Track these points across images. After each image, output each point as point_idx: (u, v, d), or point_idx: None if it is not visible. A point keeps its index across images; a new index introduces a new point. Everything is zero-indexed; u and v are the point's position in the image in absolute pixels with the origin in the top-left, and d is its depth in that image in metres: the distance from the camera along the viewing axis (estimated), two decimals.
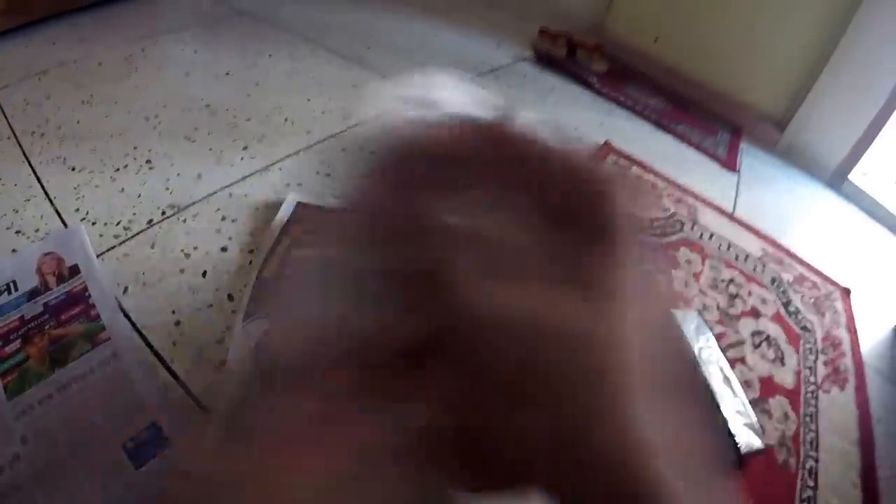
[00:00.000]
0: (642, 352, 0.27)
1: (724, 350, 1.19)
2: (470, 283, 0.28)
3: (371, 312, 0.32)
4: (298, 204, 1.23)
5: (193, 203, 1.23)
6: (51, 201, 1.14)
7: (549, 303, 0.27)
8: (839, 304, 1.58)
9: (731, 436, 0.99)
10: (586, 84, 2.37)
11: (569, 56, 2.50)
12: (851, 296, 1.64)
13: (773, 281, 1.54)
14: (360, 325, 0.32)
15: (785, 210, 2.02)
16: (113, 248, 1.09)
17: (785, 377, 1.25)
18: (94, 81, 1.53)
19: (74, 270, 1.01)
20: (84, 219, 1.11)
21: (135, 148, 1.33)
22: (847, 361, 1.39)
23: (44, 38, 1.67)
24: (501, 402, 0.28)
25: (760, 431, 1.04)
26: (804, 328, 1.42)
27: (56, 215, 1.11)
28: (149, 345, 0.95)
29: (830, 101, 2.34)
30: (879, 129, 2.24)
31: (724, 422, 1.01)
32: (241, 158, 1.38)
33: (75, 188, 1.18)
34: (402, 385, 0.30)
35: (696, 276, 1.43)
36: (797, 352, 1.34)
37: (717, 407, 1.03)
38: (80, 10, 1.83)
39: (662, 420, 0.27)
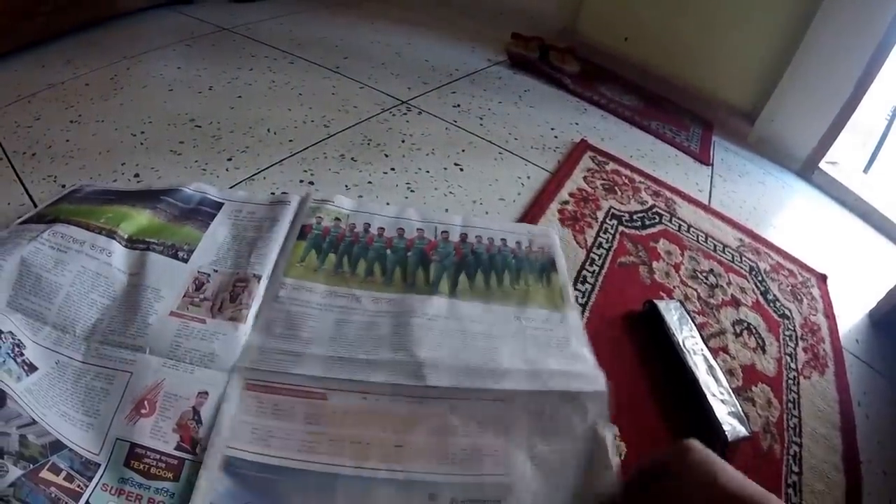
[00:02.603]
0: None
1: (706, 339, 1.21)
2: None
3: None
4: None
5: None
6: None
7: None
8: (816, 291, 1.61)
9: (718, 424, 1.02)
10: (560, 85, 2.40)
11: (542, 58, 2.53)
12: (828, 281, 1.68)
13: (750, 270, 1.57)
14: None
15: (758, 201, 2.06)
16: None
17: (766, 364, 1.28)
18: (81, 101, 1.54)
19: None
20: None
21: (122, 163, 1.34)
22: (826, 347, 1.42)
23: (32, 62, 1.68)
24: None
25: (745, 419, 1.06)
26: (783, 315, 1.45)
27: None
28: None
29: (798, 94, 2.38)
30: (846, 120, 2.29)
31: (711, 410, 1.04)
32: (227, 169, 1.39)
33: None
34: None
35: (677, 266, 1.46)
36: (777, 339, 1.37)
37: (703, 396, 1.06)
38: (67, 33, 1.84)
39: None
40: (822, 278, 1.68)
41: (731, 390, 1.10)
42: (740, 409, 1.07)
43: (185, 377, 0.86)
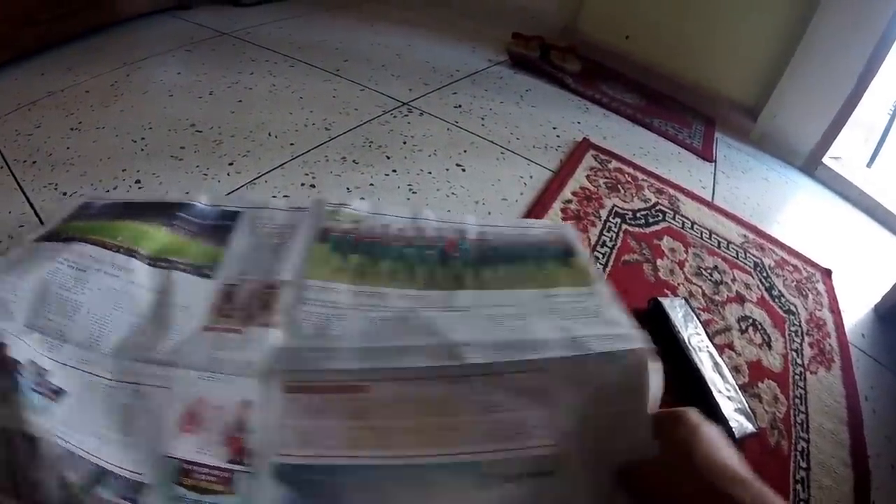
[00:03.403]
0: None
1: (711, 337, 1.21)
2: None
3: None
4: None
5: None
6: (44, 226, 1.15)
7: None
8: (821, 286, 1.61)
9: (725, 421, 1.01)
10: (561, 84, 2.40)
11: (543, 58, 2.52)
12: (832, 276, 1.67)
13: (755, 266, 1.56)
14: None
15: (762, 196, 2.06)
16: None
17: (773, 361, 1.28)
18: (81, 108, 1.54)
19: None
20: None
21: (123, 170, 1.34)
22: (832, 342, 1.42)
23: (32, 70, 1.68)
24: None
25: (752, 415, 1.06)
26: (788, 311, 1.45)
27: None
28: None
29: (800, 89, 2.37)
30: (849, 114, 2.28)
31: (717, 407, 1.03)
32: (228, 174, 1.39)
33: None
34: None
35: (681, 263, 1.45)
36: (783, 335, 1.36)
37: (710, 393, 1.05)
38: (67, 41, 1.84)
39: None
40: (827, 273, 1.68)
41: (737, 387, 1.10)
42: (747, 405, 1.07)
43: (226, 388, 0.85)
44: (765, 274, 1.55)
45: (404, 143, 1.68)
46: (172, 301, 0.97)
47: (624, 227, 1.52)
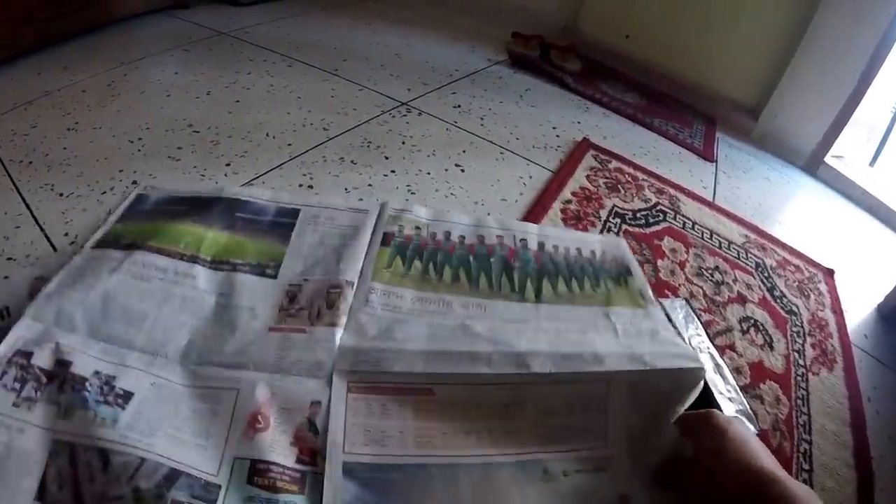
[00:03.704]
0: None
1: (712, 338, 1.20)
2: None
3: None
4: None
5: None
6: (40, 227, 1.14)
7: None
8: (823, 286, 1.60)
9: None
10: (561, 83, 2.39)
11: (542, 57, 2.51)
12: (835, 276, 1.66)
13: (756, 267, 1.55)
14: None
15: (763, 196, 2.05)
16: None
17: (774, 361, 1.27)
18: (78, 108, 1.53)
19: None
20: (73, 242, 1.11)
21: (120, 171, 1.32)
22: (834, 342, 1.41)
23: (29, 69, 1.67)
24: None
25: (753, 417, 1.05)
26: (790, 311, 1.44)
27: (46, 240, 1.11)
28: None
29: (802, 88, 2.37)
30: (851, 113, 2.28)
31: (718, 409, 1.02)
32: (225, 174, 1.38)
33: (63, 213, 1.18)
34: None
35: (682, 264, 1.44)
36: (785, 336, 1.35)
37: (710, 394, 1.04)
38: (63, 40, 1.84)
39: None
40: (830, 273, 1.67)
41: (738, 388, 1.08)
42: (748, 406, 1.06)
43: (295, 388, 0.85)
44: (766, 274, 1.54)
45: (403, 143, 1.67)
46: (237, 303, 0.98)
47: (624, 227, 1.51)
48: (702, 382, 0.92)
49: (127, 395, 0.78)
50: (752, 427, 1.02)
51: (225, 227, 1.12)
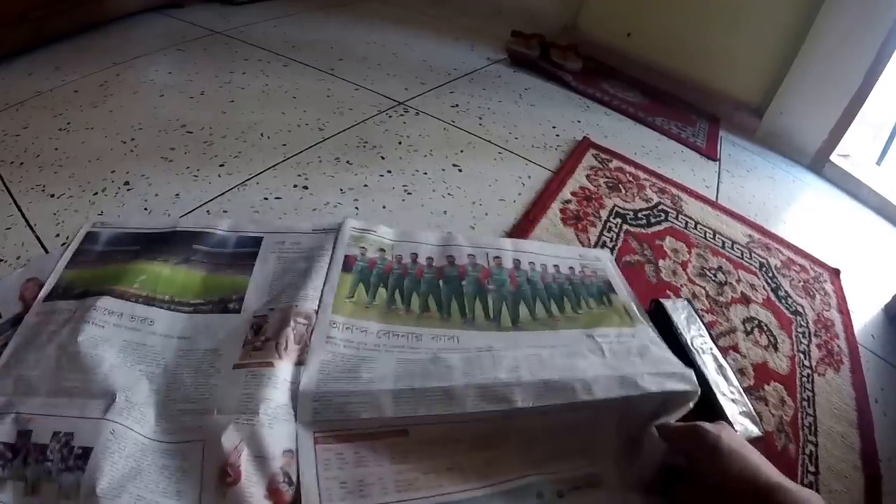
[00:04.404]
0: None
1: (715, 338, 1.18)
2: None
3: None
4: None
5: None
6: (31, 228, 1.12)
7: None
8: (829, 286, 1.58)
9: (728, 424, 0.98)
10: (562, 82, 2.37)
11: (542, 56, 2.49)
12: (841, 276, 1.64)
13: (760, 266, 1.53)
14: None
15: (768, 196, 2.03)
16: None
17: (779, 363, 1.24)
18: (70, 109, 1.51)
19: None
20: (65, 244, 1.09)
21: (112, 171, 1.31)
22: (840, 343, 1.39)
23: (20, 69, 1.66)
24: None
25: (757, 418, 1.03)
26: (795, 312, 1.42)
27: (37, 242, 1.10)
28: None
29: (806, 86, 2.35)
30: (856, 111, 2.26)
31: (722, 410, 1.00)
32: (219, 175, 1.36)
33: (55, 214, 1.17)
34: None
35: (684, 264, 1.42)
36: (790, 336, 1.33)
37: (714, 396, 1.03)
38: (55, 39, 1.83)
39: None
40: (836, 273, 1.65)
41: (742, 390, 1.07)
42: (752, 408, 1.04)
43: (265, 433, 0.79)
44: (771, 274, 1.52)
45: (399, 143, 1.65)
46: (200, 346, 0.93)
47: (625, 227, 1.49)
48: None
49: (86, 452, 0.74)
50: (755, 429, 1.00)
51: (181, 262, 1.07)
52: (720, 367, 1.09)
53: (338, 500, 0.75)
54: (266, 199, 1.31)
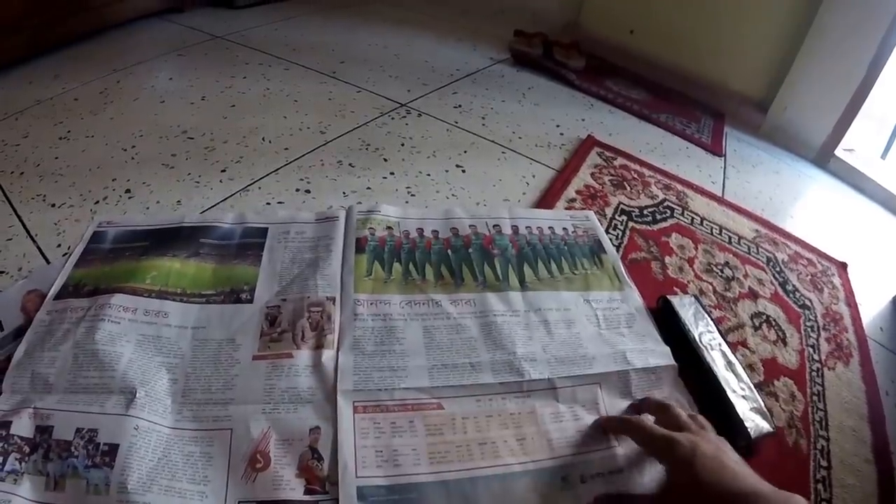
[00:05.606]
0: None
1: (724, 334, 1.17)
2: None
3: None
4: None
5: None
6: (32, 239, 1.12)
7: None
8: (836, 280, 1.57)
9: (740, 421, 0.98)
10: (565, 81, 2.37)
11: (545, 55, 2.49)
12: (848, 270, 1.63)
13: (768, 261, 1.52)
14: None
15: (774, 190, 2.01)
16: None
17: (788, 357, 1.23)
18: (70, 117, 1.52)
19: None
20: (66, 254, 1.09)
21: (113, 179, 1.31)
22: (849, 336, 1.37)
23: (20, 78, 1.67)
24: None
25: (768, 414, 1.02)
26: (803, 306, 1.41)
27: (38, 252, 1.10)
28: None
29: (810, 80, 2.34)
30: (860, 104, 2.24)
31: (731, 407, 0.99)
32: (220, 181, 1.36)
33: (56, 224, 1.17)
34: None
35: (690, 260, 1.41)
36: (798, 330, 1.32)
37: (723, 393, 1.02)
38: (55, 47, 1.83)
39: None
40: (843, 266, 1.64)
41: (752, 385, 1.06)
42: (762, 404, 1.03)
43: (291, 418, 0.83)
44: (778, 269, 1.51)
45: (402, 144, 1.65)
46: (216, 336, 0.96)
47: (631, 224, 1.48)
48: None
49: (112, 449, 0.75)
50: (766, 425, 0.99)
51: (191, 256, 1.10)
52: (729, 363, 1.08)
53: (373, 466, 0.79)
54: (269, 203, 1.31)
